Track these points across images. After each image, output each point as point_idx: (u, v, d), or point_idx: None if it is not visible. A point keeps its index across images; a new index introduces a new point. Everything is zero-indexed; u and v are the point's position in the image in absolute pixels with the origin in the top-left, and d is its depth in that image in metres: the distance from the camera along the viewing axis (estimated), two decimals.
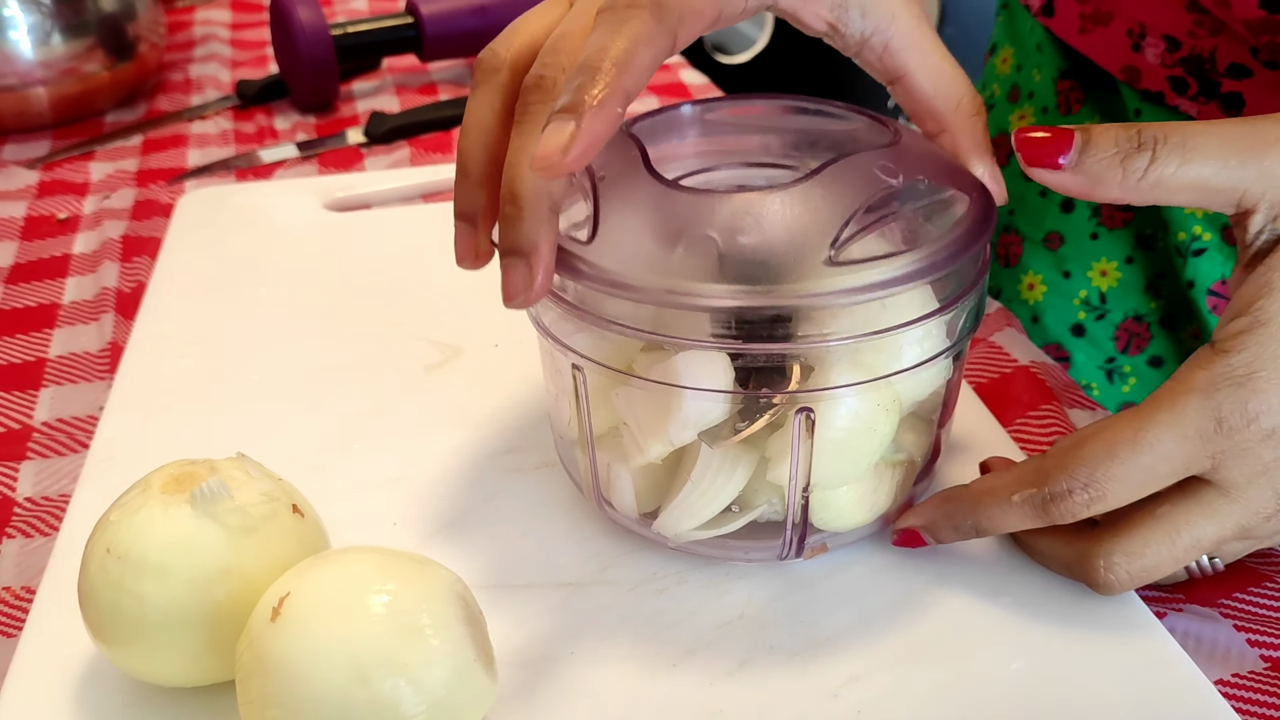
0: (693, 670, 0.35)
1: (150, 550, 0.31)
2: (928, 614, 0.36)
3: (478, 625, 0.31)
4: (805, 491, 0.35)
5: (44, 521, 0.43)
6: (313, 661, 0.29)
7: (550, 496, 0.42)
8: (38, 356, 0.54)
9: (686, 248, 0.32)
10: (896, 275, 0.32)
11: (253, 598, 0.31)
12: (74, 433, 0.49)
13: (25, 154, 0.76)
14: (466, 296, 0.54)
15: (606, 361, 0.35)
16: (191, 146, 0.76)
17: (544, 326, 0.36)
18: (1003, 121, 0.63)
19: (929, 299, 0.34)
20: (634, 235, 0.34)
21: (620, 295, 0.33)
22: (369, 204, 0.66)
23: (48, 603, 0.37)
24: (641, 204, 0.34)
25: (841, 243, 0.32)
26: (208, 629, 0.32)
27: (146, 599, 0.31)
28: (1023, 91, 0.61)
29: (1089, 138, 0.33)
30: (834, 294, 0.31)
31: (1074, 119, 0.58)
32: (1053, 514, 0.33)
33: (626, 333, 0.33)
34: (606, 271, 0.33)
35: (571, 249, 0.34)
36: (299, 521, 0.34)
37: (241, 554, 0.32)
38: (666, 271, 0.32)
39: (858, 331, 0.32)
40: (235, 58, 0.93)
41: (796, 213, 0.33)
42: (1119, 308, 0.58)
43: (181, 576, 0.31)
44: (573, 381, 0.36)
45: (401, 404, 0.47)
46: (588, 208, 0.35)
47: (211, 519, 0.32)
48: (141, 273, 0.60)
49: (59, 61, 0.77)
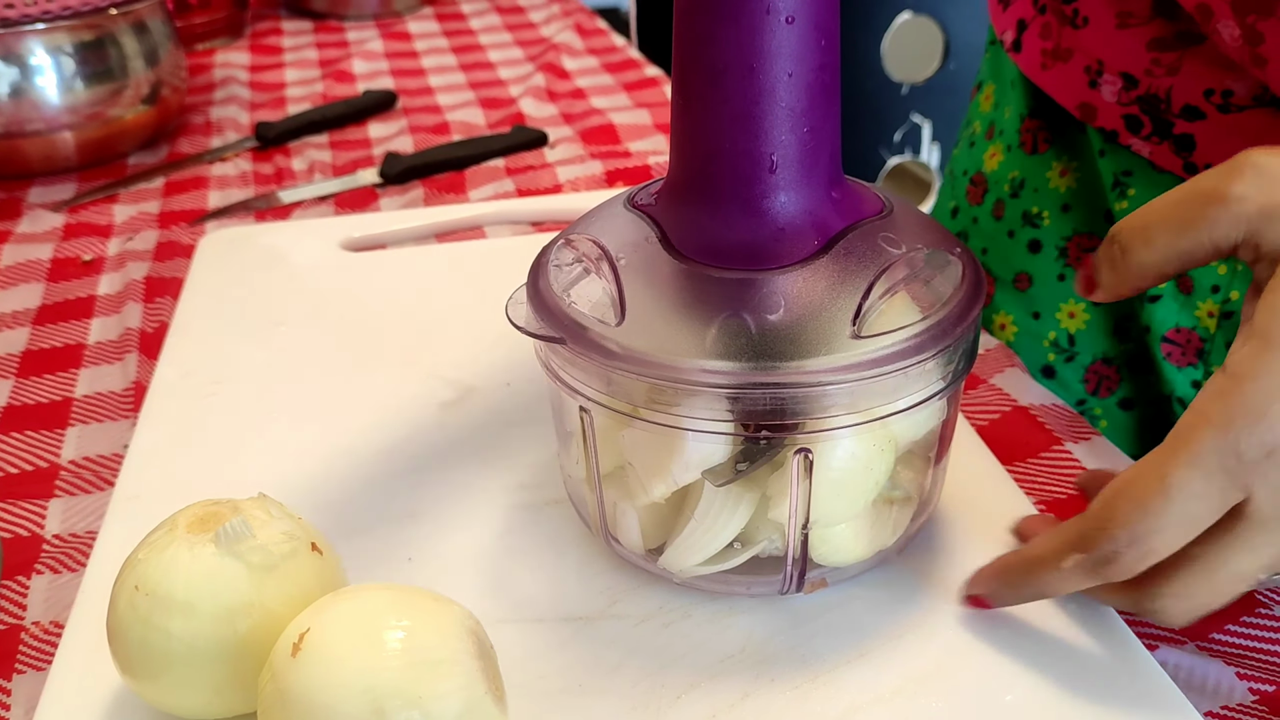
0: (697, 703, 0.36)
1: (177, 587, 0.33)
2: (925, 647, 0.37)
3: (489, 659, 0.32)
4: (805, 528, 0.36)
5: (71, 558, 0.45)
6: (332, 694, 0.30)
7: (560, 532, 0.43)
8: (64, 396, 0.56)
9: (719, 328, 0.34)
10: (917, 343, 0.34)
11: (274, 632, 0.32)
12: (100, 470, 0.50)
13: (51, 197, 0.78)
14: (479, 336, 0.56)
15: (613, 404, 0.36)
16: (212, 188, 0.79)
17: (553, 370, 0.38)
18: (979, 161, 0.63)
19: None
20: (664, 316, 0.35)
21: (656, 378, 0.34)
22: (384, 244, 0.67)
23: (76, 637, 0.39)
24: (666, 285, 0.35)
25: (863, 315, 0.34)
26: (231, 663, 0.33)
27: (173, 634, 0.33)
28: (997, 129, 0.61)
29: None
30: (860, 366, 0.33)
31: (1040, 158, 0.58)
32: (1108, 575, 0.33)
33: (633, 378, 0.35)
34: (641, 354, 0.34)
35: (601, 331, 0.35)
36: (318, 559, 0.35)
37: (264, 590, 0.33)
38: (700, 352, 0.34)
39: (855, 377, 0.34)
40: (254, 100, 0.96)
41: (818, 288, 0.34)
42: (1088, 350, 0.58)
43: (207, 612, 0.33)
44: (580, 423, 0.37)
45: (416, 441, 0.48)
46: (609, 290, 0.36)
47: (235, 557, 0.33)
48: (164, 313, 0.61)
49: (84, 106, 0.79)
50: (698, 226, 0.36)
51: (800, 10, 0.34)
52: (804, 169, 0.36)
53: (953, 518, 0.42)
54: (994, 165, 0.61)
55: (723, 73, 0.34)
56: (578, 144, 0.82)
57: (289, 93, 0.97)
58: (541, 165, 0.79)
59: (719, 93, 0.35)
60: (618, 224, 0.38)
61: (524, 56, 1.04)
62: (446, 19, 1.16)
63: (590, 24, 1.11)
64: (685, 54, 0.35)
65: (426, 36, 1.11)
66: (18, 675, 0.40)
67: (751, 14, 0.33)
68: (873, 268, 0.35)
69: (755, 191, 0.36)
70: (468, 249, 0.66)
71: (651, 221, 0.37)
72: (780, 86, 0.34)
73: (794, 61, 0.34)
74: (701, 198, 0.36)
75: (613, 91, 0.93)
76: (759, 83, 0.34)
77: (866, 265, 0.35)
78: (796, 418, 0.34)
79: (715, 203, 0.36)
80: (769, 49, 0.34)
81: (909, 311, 0.35)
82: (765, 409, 0.34)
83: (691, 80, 0.35)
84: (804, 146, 0.35)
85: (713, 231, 0.36)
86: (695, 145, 0.36)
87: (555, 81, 0.96)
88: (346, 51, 1.06)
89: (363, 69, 1.01)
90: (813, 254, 0.35)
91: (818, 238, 0.36)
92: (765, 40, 0.34)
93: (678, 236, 0.36)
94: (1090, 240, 0.57)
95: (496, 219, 0.70)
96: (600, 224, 0.39)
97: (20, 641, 0.41)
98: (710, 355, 0.33)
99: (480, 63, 1.03)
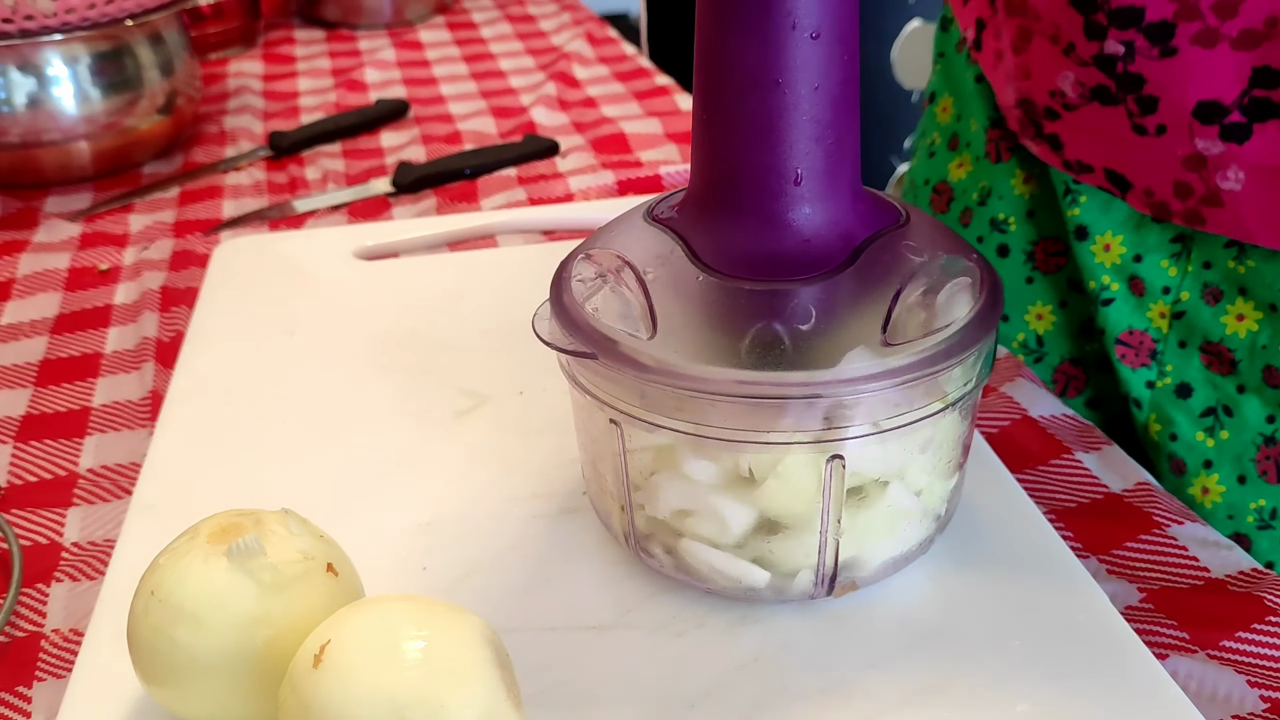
0: (709, 712, 0.36)
1: (187, 598, 0.33)
2: (938, 658, 0.38)
3: (507, 668, 0.33)
4: (837, 533, 0.37)
5: (90, 565, 0.45)
6: (354, 705, 0.30)
7: (574, 541, 0.43)
8: (82, 405, 0.56)
9: (753, 339, 0.34)
10: (946, 349, 0.35)
11: (280, 649, 0.33)
12: (118, 479, 0.51)
13: (68, 206, 0.79)
14: (492, 345, 0.56)
15: (646, 416, 0.36)
16: (226, 197, 0.79)
17: (581, 384, 0.38)
18: (943, 170, 0.64)
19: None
20: (696, 328, 0.36)
21: (693, 390, 0.34)
22: (397, 253, 0.68)
23: (96, 644, 0.39)
24: (696, 297, 0.36)
25: (893, 323, 0.34)
26: (240, 675, 0.33)
27: (179, 644, 0.33)
28: (961, 140, 0.62)
29: None
30: (892, 373, 0.34)
31: (1004, 166, 0.59)
32: None
33: (669, 390, 0.35)
34: (675, 366, 0.35)
35: (634, 344, 0.35)
36: (331, 581, 0.35)
37: (270, 609, 0.33)
38: (734, 363, 0.34)
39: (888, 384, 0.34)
40: (268, 109, 0.96)
41: (847, 297, 0.35)
42: (1055, 350, 0.59)
43: (214, 626, 0.33)
44: (611, 435, 0.38)
45: (430, 450, 0.49)
46: (639, 303, 0.36)
47: (246, 574, 0.34)
48: (180, 322, 0.62)
49: (100, 116, 0.80)
50: (723, 239, 0.37)
51: (825, 26, 0.34)
52: (828, 181, 0.36)
53: (963, 526, 0.43)
54: (961, 175, 0.62)
55: (748, 89, 0.35)
56: (589, 153, 0.83)
57: (302, 102, 0.98)
58: (553, 175, 0.79)
59: (744, 108, 0.35)
60: (640, 237, 0.39)
61: (535, 65, 1.05)
62: (458, 28, 1.17)
63: (601, 33, 1.11)
64: (708, 70, 0.36)
65: (438, 45, 1.12)
66: (38, 683, 0.40)
67: (778, 31, 0.34)
68: (898, 276, 0.35)
69: (780, 204, 0.36)
70: (480, 258, 0.67)
71: (675, 235, 0.38)
72: (805, 101, 0.35)
73: (819, 76, 0.35)
74: (726, 211, 0.37)
75: (624, 100, 0.94)
76: (785, 98, 0.35)
77: (892, 273, 0.35)
78: (829, 425, 0.34)
79: (740, 216, 0.36)
80: (795, 64, 0.34)
81: (936, 318, 0.35)
82: (799, 416, 0.34)
83: (715, 96, 0.36)
84: (828, 159, 0.36)
85: (739, 244, 0.36)
86: (719, 160, 0.37)
87: (566, 90, 0.96)
88: (359, 61, 1.07)
89: (375, 78, 1.02)
90: (839, 264, 0.36)
91: (843, 248, 0.36)
92: (791, 56, 0.34)
93: (703, 249, 0.37)
94: (1054, 245, 0.58)
95: (509, 228, 0.71)
96: (621, 238, 0.39)
97: (40, 649, 0.42)
98: (745, 365, 0.34)
99: (492, 71, 1.04)
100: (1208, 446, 0.53)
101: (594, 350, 0.36)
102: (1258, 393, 0.51)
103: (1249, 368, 0.51)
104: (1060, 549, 0.42)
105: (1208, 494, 0.53)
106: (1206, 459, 0.53)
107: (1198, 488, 0.53)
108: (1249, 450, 0.52)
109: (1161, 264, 0.53)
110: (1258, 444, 0.51)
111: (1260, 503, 0.52)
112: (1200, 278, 0.50)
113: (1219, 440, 0.52)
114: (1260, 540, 0.52)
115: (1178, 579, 0.41)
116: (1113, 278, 0.54)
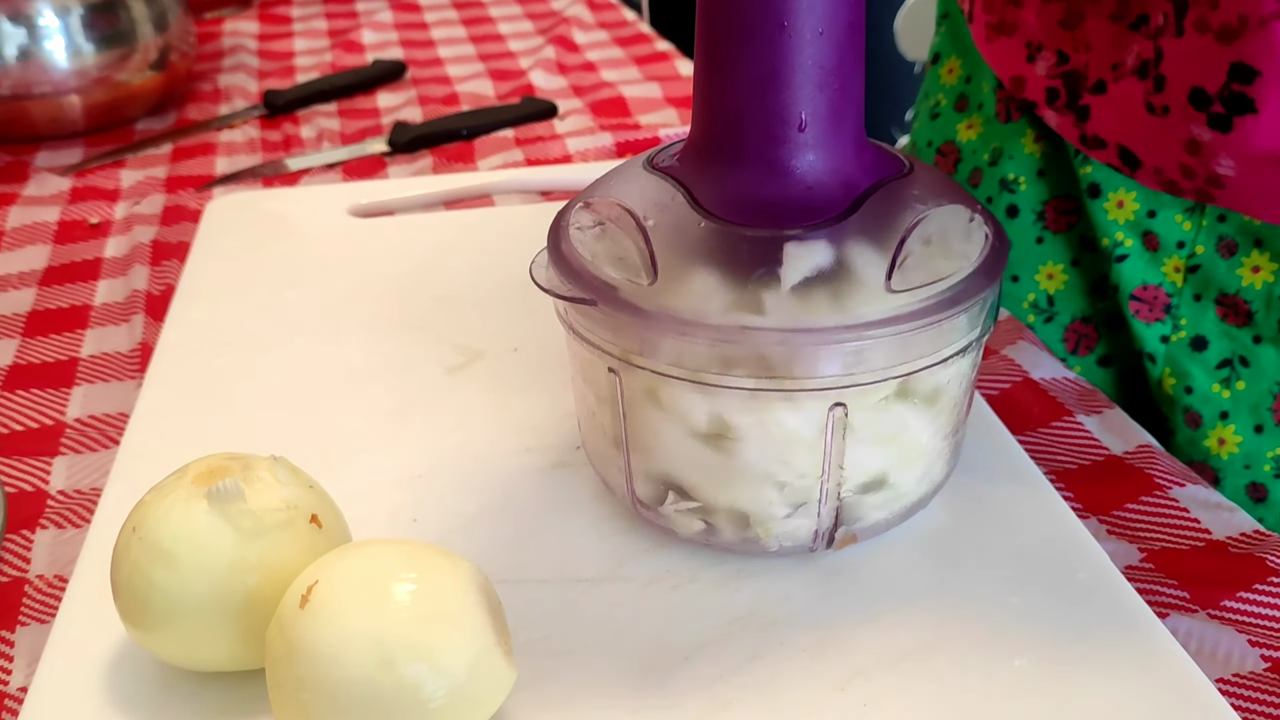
0: (703, 665, 0.36)
1: (165, 537, 0.33)
2: (936, 614, 0.37)
3: (497, 614, 0.32)
4: (840, 483, 0.36)
5: (76, 514, 0.45)
6: (341, 646, 0.30)
7: (568, 495, 0.43)
8: (70, 356, 0.55)
9: (756, 284, 0.34)
10: (952, 296, 0.34)
11: (260, 597, 0.32)
12: (105, 429, 0.50)
13: (59, 161, 0.78)
14: (487, 301, 0.55)
15: (646, 364, 0.35)
16: (220, 155, 0.78)
17: (579, 333, 0.37)
18: (950, 131, 0.64)
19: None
20: (698, 275, 0.35)
21: (696, 336, 0.34)
22: (392, 210, 0.67)
23: (80, 590, 0.38)
24: (698, 244, 0.35)
25: (897, 270, 0.34)
26: (215, 620, 0.33)
27: (155, 583, 0.32)
28: (971, 102, 0.62)
29: None
30: (897, 320, 0.33)
31: (1014, 126, 0.59)
32: None
33: (671, 337, 0.34)
34: (677, 312, 0.34)
35: (634, 291, 0.35)
36: (314, 533, 0.34)
37: (246, 556, 0.33)
38: (738, 309, 0.33)
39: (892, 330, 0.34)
40: (263, 68, 0.95)
41: (851, 244, 0.34)
42: (1066, 310, 0.59)
43: (188, 568, 0.32)
44: (609, 384, 0.37)
45: (423, 404, 0.48)
46: (639, 249, 0.35)
47: (225, 519, 0.33)
48: (171, 276, 0.61)
49: (92, 70, 0.79)
50: (725, 186, 0.36)
51: None
52: (832, 127, 0.35)
53: (964, 485, 0.42)
54: (971, 136, 0.62)
55: (753, 32, 0.34)
56: (588, 116, 0.82)
57: (298, 62, 0.96)
58: (551, 136, 0.78)
59: (749, 53, 0.34)
60: (640, 185, 0.38)
61: (534, 29, 1.04)
62: None
63: None
64: (712, 13, 0.35)
65: (436, 8, 1.10)
66: (21, 628, 0.40)
67: None
68: (902, 223, 0.35)
69: (785, 151, 0.35)
70: (477, 216, 0.66)
71: (676, 183, 0.37)
72: (810, 45, 0.34)
73: (824, 20, 0.34)
74: (729, 158, 0.36)
75: (623, 65, 0.93)
76: (791, 41, 0.34)
77: (896, 221, 0.35)
78: (832, 372, 0.34)
79: (743, 163, 0.36)
80: (800, 7, 0.34)
81: (941, 266, 0.35)
82: (802, 363, 0.33)
83: (719, 40, 0.35)
84: (833, 105, 0.35)
85: (742, 191, 0.36)
86: (723, 106, 0.36)
87: (565, 54, 0.95)
88: (356, 22, 1.06)
89: (372, 39, 1.01)
90: (843, 211, 0.35)
91: (846, 195, 0.35)
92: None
93: (705, 197, 0.36)
94: (1066, 203, 0.58)
95: (506, 188, 0.70)
96: (621, 186, 0.39)
97: (24, 595, 0.41)
98: (749, 311, 0.33)
99: (490, 34, 1.03)
100: (1223, 398, 0.53)
101: (593, 297, 0.36)
102: (1274, 343, 0.51)
103: (1265, 319, 0.51)
104: (1060, 508, 0.41)
105: (1224, 445, 0.53)
106: (1223, 410, 0.53)
107: (1214, 440, 0.53)
108: (1266, 400, 0.52)
109: (1176, 219, 0.53)
110: (1274, 393, 0.52)
111: (1277, 451, 0.52)
112: (1215, 231, 0.50)
113: (1235, 391, 0.53)
114: (1277, 488, 0.52)
115: (1178, 540, 0.41)
116: (1126, 234, 0.54)
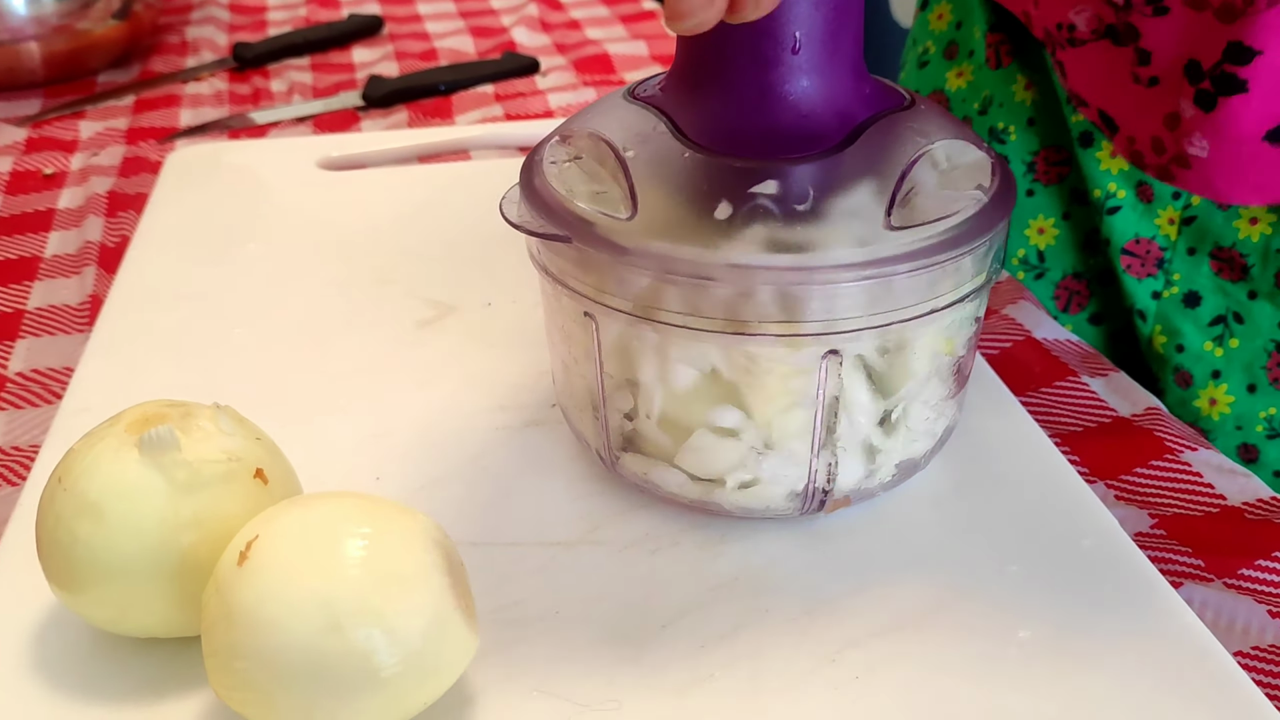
0: (683, 634, 0.33)
1: (91, 488, 0.30)
2: (934, 581, 0.35)
3: (458, 575, 0.30)
4: (834, 438, 0.33)
5: (13, 471, 0.42)
6: (283, 609, 0.27)
7: (541, 455, 0.40)
8: (15, 308, 0.52)
9: (744, 219, 0.31)
10: (956, 236, 0.31)
11: (195, 556, 0.29)
12: (48, 384, 0.47)
13: (15, 111, 0.74)
14: (461, 256, 0.52)
15: (623, 306, 0.33)
16: (185, 107, 0.75)
17: (552, 274, 0.35)
18: (939, 79, 0.61)
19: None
20: (680, 208, 0.32)
21: (677, 273, 0.31)
22: (364, 164, 0.64)
23: (11, 551, 0.36)
24: (681, 176, 0.32)
25: (897, 206, 0.31)
26: (144, 580, 0.30)
27: (80, 539, 0.29)
28: (961, 49, 0.60)
29: None
30: (896, 259, 0.30)
31: (1005, 72, 0.57)
32: None
33: (651, 274, 0.32)
34: (658, 249, 0.31)
35: (611, 226, 0.32)
36: (259, 489, 0.31)
37: (180, 511, 0.30)
38: (723, 245, 0.30)
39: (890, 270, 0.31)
40: (233, 21, 0.92)
41: (848, 177, 0.32)
42: (1057, 265, 0.57)
43: (116, 523, 0.29)
44: (584, 329, 0.34)
45: (391, 360, 0.45)
46: (618, 182, 0.33)
47: (158, 470, 0.30)
48: (127, 228, 0.58)
49: (51, 18, 0.75)
50: (713, 115, 0.33)
51: None
52: (828, 53, 0.33)
53: (963, 447, 0.40)
54: (960, 84, 0.59)
55: None
56: (571, 72, 0.79)
57: (270, 16, 0.93)
58: (532, 92, 0.75)
59: None
60: (620, 116, 0.35)
61: None
62: None
63: None
64: None
65: None
66: None
67: None
68: (903, 157, 0.32)
69: (776, 75, 0.32)
70: (452, 170, 0.63)
71: (659, 113, 0.34)
72: None
73: None
74: (716, 84, 0.33)
75: (609, 23, 0.89)
76: None
77: (896, 155, 0.32)
78: (826, 315, 0.31)
79: (732, 89, 0.33)
80: None
81: (945, 203, 0.32)
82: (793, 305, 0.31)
83: None
84: (828, 28, 0.32)
85: (730, 119, 0.33)
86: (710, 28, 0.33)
87: (549, 12, 0.92)
88: None
89: None
90: (839, 143, 0.32)
91: (842, 126, 0.33)
92: None
93: (689, 126, 0.33)
94: (1057, 154, 0.56)
95: (483, 143, 0.67)
96: (600, 118, 0.36)
97: None
98: (735, 247, 0.30)
99: None
100: (1216, 356, 0.51)
101: (567, 233, 0.33)
102: (1270, 298, 0.49)
103: (1261, 273, 0.49)
104: (1066, 472, 0.39)
105: (1215, 405, 0.52)
106: (1215, 369, 0.51)
107: (1205, 400, 0.52)
108: (1260, 358, 0.50)
109: None
110: (1269, 350, 0.50)
111: (1270, 411, 0.50)
112: None
113: (1228, 349, 0.51)
114: (1269, 450, 0.51)
115: (1191, 506, 0.39)
116: (1120, 184, 0.52)
